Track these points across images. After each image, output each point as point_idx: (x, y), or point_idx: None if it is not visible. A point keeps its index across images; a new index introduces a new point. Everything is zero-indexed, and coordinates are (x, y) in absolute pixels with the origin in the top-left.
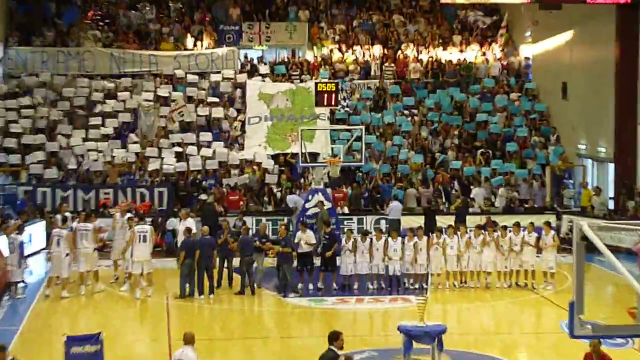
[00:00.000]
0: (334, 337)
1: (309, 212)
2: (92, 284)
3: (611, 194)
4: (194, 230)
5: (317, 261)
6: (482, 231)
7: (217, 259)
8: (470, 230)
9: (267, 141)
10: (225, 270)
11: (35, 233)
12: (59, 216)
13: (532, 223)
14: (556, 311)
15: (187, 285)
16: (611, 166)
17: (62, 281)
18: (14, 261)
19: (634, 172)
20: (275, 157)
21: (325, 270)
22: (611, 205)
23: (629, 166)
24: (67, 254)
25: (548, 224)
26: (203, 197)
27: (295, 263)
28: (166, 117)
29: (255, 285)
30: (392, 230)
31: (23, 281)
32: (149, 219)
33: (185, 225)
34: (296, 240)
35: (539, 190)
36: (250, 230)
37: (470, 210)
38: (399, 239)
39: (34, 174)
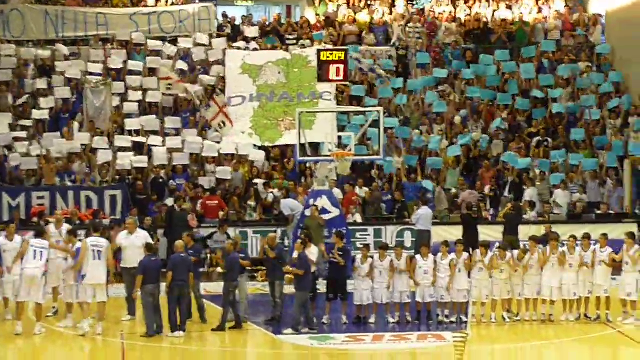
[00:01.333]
0: None
1: None
2: (32, 322)
3: None
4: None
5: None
6: (541, 246)
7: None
8: (525, 245)
9: (253, 127)
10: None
11: None
12: None
13: (604, 235)
14: (638, 351)
15: (154, 318)
16: None
17: None
18: None
19: None
20: (265, 148)
21: (334, 298)
22: None
23: None
24: None
25: (631, 235)
26: (169, 201)
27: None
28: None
29: (241, 319)
30: (422, 245)
31: None
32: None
33: (138, 238)
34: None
35: (614, 191)
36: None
37: (524, 218)
38: (431, 256)
39: None
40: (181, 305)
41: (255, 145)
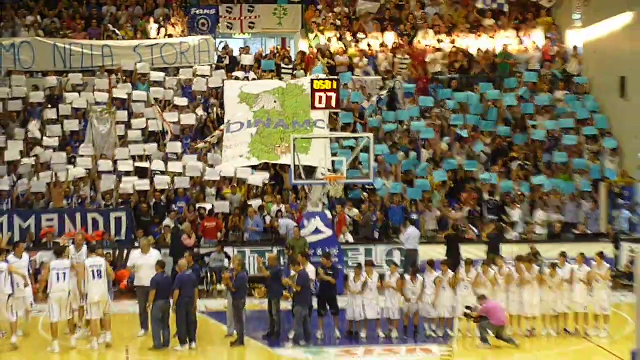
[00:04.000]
0: None
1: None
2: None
3: None
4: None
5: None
6: (521, 265)
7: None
8: (508, 263)
9: (251, 152)
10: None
11: None
12: None
13: (582, 254)
14: None
15: (162, 332)
16: None
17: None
18: None
19: None
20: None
21: (324, 314)
22: None
23: None
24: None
25: (601, 254)
26: (167, 222)
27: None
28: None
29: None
30: (411, 267)
31: None
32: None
33: (150, 258)
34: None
35: (592, 213)
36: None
37: (506, 237)
38: (419, 278)
39: None
40: (189, 320)
41: (253, 168)
